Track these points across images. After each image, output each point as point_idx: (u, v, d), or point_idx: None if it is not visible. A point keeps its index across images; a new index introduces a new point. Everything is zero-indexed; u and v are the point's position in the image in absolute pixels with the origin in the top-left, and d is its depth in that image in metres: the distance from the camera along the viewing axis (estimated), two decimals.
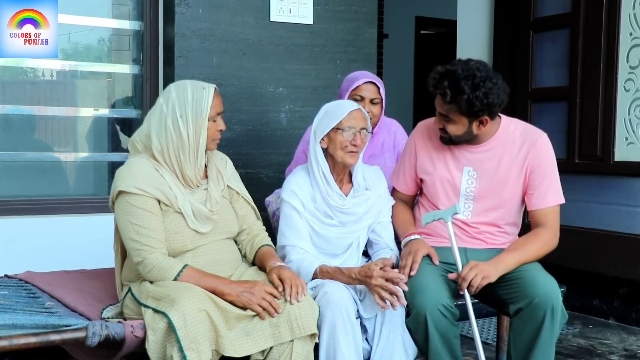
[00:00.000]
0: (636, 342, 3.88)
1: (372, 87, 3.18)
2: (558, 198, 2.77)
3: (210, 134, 2.55)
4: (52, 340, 2.29)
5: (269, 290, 2.44)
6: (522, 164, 2.74)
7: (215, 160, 2.71)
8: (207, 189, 2.61)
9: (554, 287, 2.57)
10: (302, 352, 2.43)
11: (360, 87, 3.14)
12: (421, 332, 2.56)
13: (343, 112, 2.71)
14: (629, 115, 4.08)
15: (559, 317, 2.54)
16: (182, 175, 2.55)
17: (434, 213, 2.72)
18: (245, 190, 2.80)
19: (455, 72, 2.61)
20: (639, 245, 4.00)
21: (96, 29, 3.92)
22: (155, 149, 2.52)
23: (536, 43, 4.61)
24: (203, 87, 2.54)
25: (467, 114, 2.64)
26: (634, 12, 4.04)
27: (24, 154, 3.79)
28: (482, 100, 2.58)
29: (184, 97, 2.51)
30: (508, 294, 2.64)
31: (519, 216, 2.88)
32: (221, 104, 2.59)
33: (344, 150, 2.70)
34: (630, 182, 4.09)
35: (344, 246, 2.83)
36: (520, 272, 2.64)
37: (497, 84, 2.62)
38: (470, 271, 2.57)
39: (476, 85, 2.58)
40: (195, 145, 2.52)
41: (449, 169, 2.81)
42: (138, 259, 2.45)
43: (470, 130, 2.69)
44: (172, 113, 2.50)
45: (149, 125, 2.55)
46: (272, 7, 3.89)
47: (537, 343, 2.53)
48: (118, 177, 2.51)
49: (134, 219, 2.45)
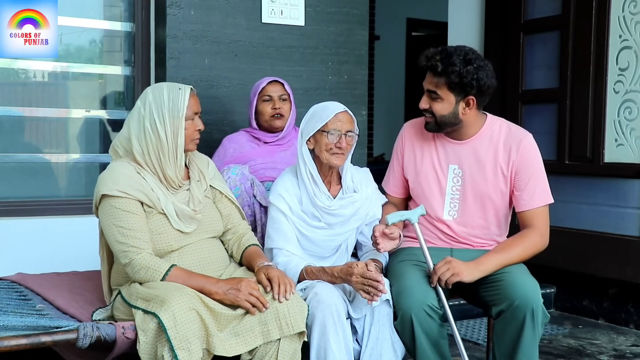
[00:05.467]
0: (625, 342, 3.91)
1: (277, 85, 3.34)
2: (546, 198, 2.77)
3: (189, 133, 2.58)
4: (43, 342, 2.29)
5: (255, 286, 2.45)
6: (507, 165, 2.75)
7: (197, 161, 2.74)
8: (190, 189, 2.63)
9: (534, 289, 2.56)
10: (289, 350, 2.45)
11: (266, 88, 3.31)
12: (408, 334, 2.57)
13: (329, 114, 2.72)
14: (618, 117, 4.10)
15: (540, 319, 2.53)
16: (163, 177, 2.57)
17: (400, 213, 2.73)
18: (229, 190, 2.82)
19: (448, 49, 2.70)
20: (629, 246, 4.02)
21: (88, 31, 3.92)
22: (136, 152, 2.55)
23: (526, 45, 4.63)
24: (179, 88, 2.57)
25: (457, 89, 2.67)
26: (623, 14, 4.06)
27: (15, 155, 3.78)
28: (473, 74, 2.63)
29: (160, 98, 2.54)
30: (490, 296, 2.65)
31: (506, 217, 2.88)
32: (198, 104, 2.63)
33: (329, 152, 2.72)
34: (619, 183, 4.12)
35: (332, 248, 2.84)
36: (501, 275, 2.64)
37: (488, 67, 2.69)
38: (443, 266, 2.58)
39: (468, 61, 2.64)
40: (173, 146, 2.54)
41: (434, 167, 2.83)
42: (125, 261, 2.46)
43: (456, 112, 2.71)
44: (149, 114, 2.53)
45: (129, 129, 2.57)
46: (264, 9, 3.90)
47: (519, 345, 2.53)
48: (100, 182, 2.53)
49: (119, 222, 2.47)
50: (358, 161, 3.92)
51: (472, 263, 2.63)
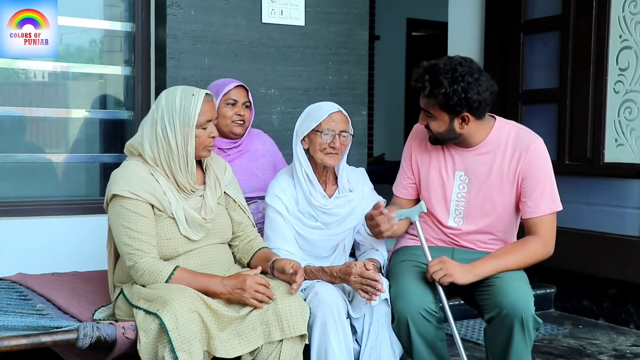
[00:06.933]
0: (625, 342, 3.91)
1: (242, 91, 3.23)
2: (553, 206, 2.69)
3: (201, 141, 2.53)
4: (43, 342, 2.29)
5: (260, 281, 2.43)
6: (514, 171, 2.69)
7: (214, 167, 2.70)
8: (203, 196, 2.60)
9: (524, 297, 2.50)
10: (291, 353, 2.44)
11: (232, 92, 3.18)
12: (404, 337, 2.57)
13: (323, 114, 2.73)
14: (618, 117, 4.10)
15: (532, 326, 2.48)
16: (175, 182, 2.54)
17: (399, 212, 2.69)
18: (243, 198, 2.79)
19: (437, 66, 2.60)
20: (629, 246, 4.02)
21: (88, 31, 3.92)
22: (148, 157, 2.52)
23: (526, 45, 4.63)
24: (192, 94, 2.52)
25: (446, 109, 2.60)
26: (623, 14, 4.06)
27: (15, 155, 3.78)
28: (460, 94, 2.54)
29: (172, 104, 2.50)
30: (482, 301, 2.62)
31: (513, 223, 2.82)
32: (213, 110, 2.57)
33: (323, 152, 2.72)
34: (619, 183, 4.11)
35: (329, 248, 2.84)
36: (494, 280, 2.59)
37: (479, 80, 2.58)
38: (437, 264, 2.56)
39: (455, 79, 2.55)
40: (183, 154, 2.50)
41: (440, 173, 2.79)
42: (130, 263, 2.45)
43: (452, 128, 2.65)
44: (161, 120, 2.50)
45: (142, 133, 2.55)
46: (264, 9, 3.90)
47: (510, 351, 2.50)
48: (113, 180, 2.51)
49: (127, 223, 2.45)
50: (358, 161, 3.92)
51: (468, 266, 2.59)
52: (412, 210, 2.68)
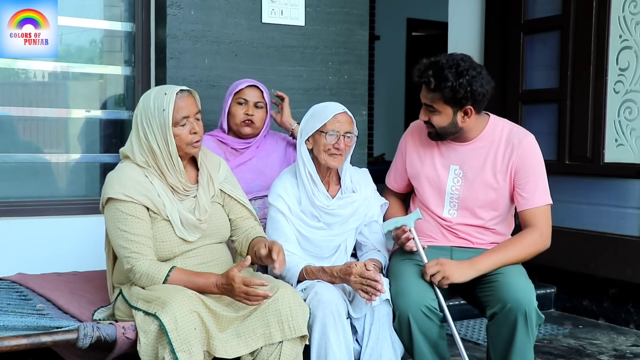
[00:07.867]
0: (625, 342, 3.91)
1: (255, 91, 3.22)
2: (547, 198, 2.77)
3: (181, 139, 2.49)
4: (43, 342, 2.29)
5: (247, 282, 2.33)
6: (507, 165, 2.75)
7: (208, 164, 2.67)
8: (196, 197, 2.59)
9: (527, 292, 2.54)
10: (291, 354, 2.44)
11: (243, 91, 3.19)
12: (406, 335, 2.58)
13: (328, 115, 2.73)
14: (618, 117, 4.10)
15: (534, 321, 2.51)
16: (167, 183, 2.54)
17: (395, 220, 2.75)
18: (241, 192, 2.77)
19: (440, 62, 2.68)
20: (629, 246, 4.02)
21: (88, 31, 3.91)
22: (140, 161, 2.52)
23: (527, 45, 4.63)
24: (165, 93, 2.48)
25: (452, 102, 2.67)
26: (623, 14, 4.06)
27: (15, 155, 3.78)
28: (466, 87, 2.62)
29: (147, 106, 2.49)
30: (484, 297, 2.65)
31: (508, 217, 2.88)
32: (192, 105, 2.51)
33: (327, 153, 2.72)
34: (619, 183, 4.12)
35: (331, 249, 2.84)
36: (496, 276, 2.63)
37: (481, 74, 2.67)
38: (434, 266, 2.59)
39: (460, 73, 2.63)
40: (167, 154, 2.48)
41: (435, 168, 2.84)
42: (127, 266, 2.45)
43: (454, 122, 2.71)
44: (141, 125, 2.49)
45: (131, 139, 2.55)
46: (264, 9, 3.90)
47: (513, 346, 2.52)
48: (107, 183, 2.51)
49: (123, 226, 2.45)
50: (358, 161, 3.92)
51: (467, 262, 2.63)
52: (408, 218, 2.75)
